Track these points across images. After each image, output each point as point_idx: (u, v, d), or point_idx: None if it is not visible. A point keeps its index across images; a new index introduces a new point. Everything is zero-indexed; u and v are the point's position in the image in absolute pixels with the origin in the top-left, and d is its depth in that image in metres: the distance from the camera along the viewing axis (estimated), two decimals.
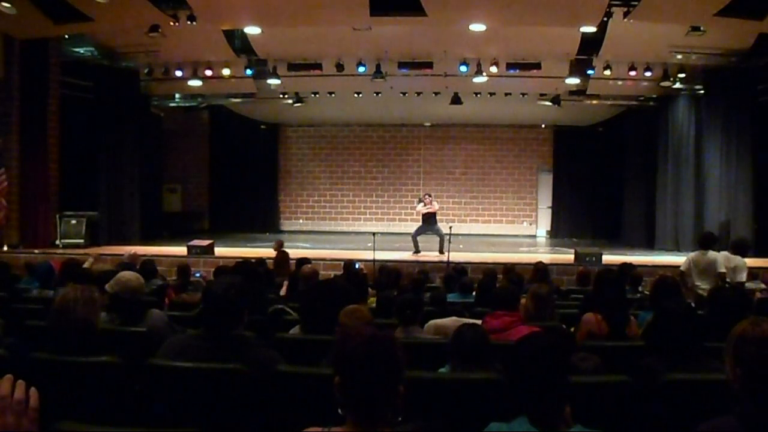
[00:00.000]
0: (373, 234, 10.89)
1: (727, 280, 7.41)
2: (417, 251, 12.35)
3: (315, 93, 15.02)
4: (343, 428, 1.82)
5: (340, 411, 1.82)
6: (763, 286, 7.70)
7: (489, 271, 7.76)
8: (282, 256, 9.36)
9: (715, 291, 4.27)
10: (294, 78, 13.66)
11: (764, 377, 1.75)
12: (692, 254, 7.96)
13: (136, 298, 3.99)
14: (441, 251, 11.89)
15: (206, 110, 17.59)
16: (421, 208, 12.85)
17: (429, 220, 12.72)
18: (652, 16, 10.15)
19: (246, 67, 13.43)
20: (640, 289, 7.08)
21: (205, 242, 11.86)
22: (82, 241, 12.35)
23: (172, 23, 10.84)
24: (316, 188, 19.02)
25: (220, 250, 11.91)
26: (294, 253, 11.25)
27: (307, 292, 4.38)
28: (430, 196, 13.21)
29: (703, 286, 7.42)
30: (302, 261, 8.13)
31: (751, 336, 1.79)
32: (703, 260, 7.58)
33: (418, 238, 12.52)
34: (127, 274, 4.11)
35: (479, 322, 3.88)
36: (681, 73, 12.82)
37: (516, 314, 4.08)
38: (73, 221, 12.53)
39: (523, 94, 14.62)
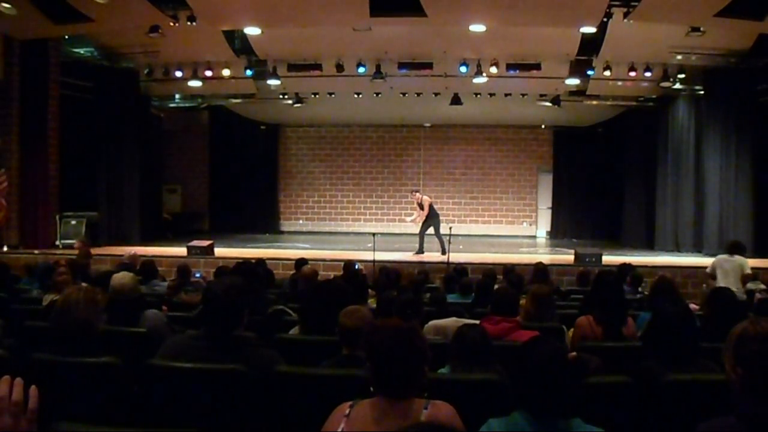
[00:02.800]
0: (373, 234, 10.88)
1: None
2: (420, 251, 12.32)
3: (315, 93, 15.00)
4: (370, 400, 2.11)
5: (372, 388, 2.13)
6: (762, 286, 7.70)
7: (489, 271, 7.76)
8: (82, 255, 8.91)
9: (715, 292, 4.27)
10: (294, 78, 13.65)
11: (766, 374, 1.73)
12: (718, 257, 8.66)
13: (130, 298, 3.98)
14: (443, 252, 11.85)
15: (206, 111, 17.58)
16: (414, 219, 12.98)
17: (429, 212, 12.69)
18: (652, 16, 10.14)
19: (246, 68, 13.42)
20: (640, 289, 7.07)
21: (205, 243, 11.86)
22: None
23: (171, 24, 10.83)
24: (316, 188, 19.01)
25: (220, 251, 11.91)
26: (294, 253, 11.30)
27: (306, 292, 4.38)
28: (418, 191, 13.25)
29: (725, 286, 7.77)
30: (301, 262, 8.14)
31: (751, 334, 1.78)
32: (727, 263, 8.31)
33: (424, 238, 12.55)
34: (119, 275, 4.11)
35: (478, 322, 3.87)
36: (681, 73, 12.82)
37: (514, 320, 4.07)
38: (73, 221, 12.53)
39: (523, 95, 14.61)
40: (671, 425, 2.67)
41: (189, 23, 10.57)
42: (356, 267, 8.36)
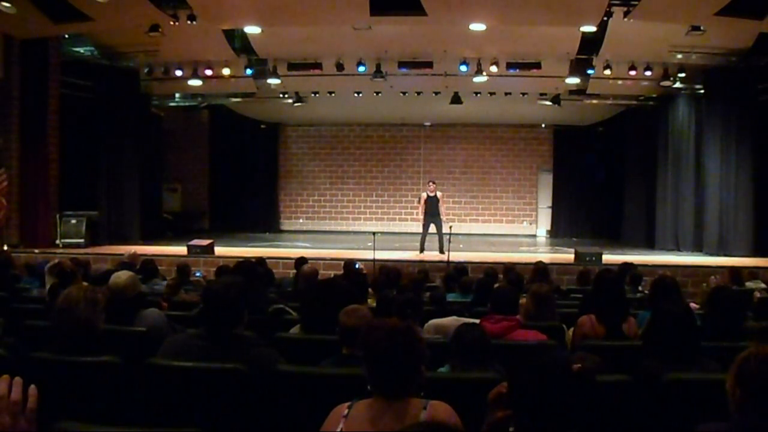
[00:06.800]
0: (373, 234, 10.89)
1: None
2: (421, 251, 12.29)
3: (315, 93, 14.99)
4: (368, 400, 2.11)
5: (369, 388, 2.12)
6: (762, 285, 7.70)
7: (490, 270, 7.75)
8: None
9: (715, 291, 4.26)
10: (294, 77, 13.64)
11: (761, 394, 1.73)
12: None
13: (127, 297, 3.96)
14: (441, 251, 11.88)
15: (206, 110, 17.58)
16: (423, 197, 12.71)
17: (432, 209, 12.49)
18: (652, 15, 10.14)
19: (246, 67, 13.41)
20: (640, 288, 7.07)
21: (205, 242, 11.86)
22: (82, 240, 12.34)
23: (172, 23, 10.83)
24: (316, 188, 19.01)
25: (220, 250, 11.91)
26: (294, 252, 11.30)
27: (307, 291, 4.38)
28: (434, 183, 13.04)
29: None
30: (301, 261, 8.14)
31: (753, 355, 1.80)
32: None
33: (426, 237, 12.49)
34: (116, 274, 4.10)
35: (478, 321, 3.87)
36: (681, 72, 12.80)
37: (514, 318, 4.06)
38: (73, 221, 12.52)
39: (523, 94, 14.59)
40: (671, 425, 2.67)
41: (189, 22, 10.56)
42: (356, 266, 8.36)
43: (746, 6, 9.46)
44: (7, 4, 9.76)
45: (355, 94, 14.80)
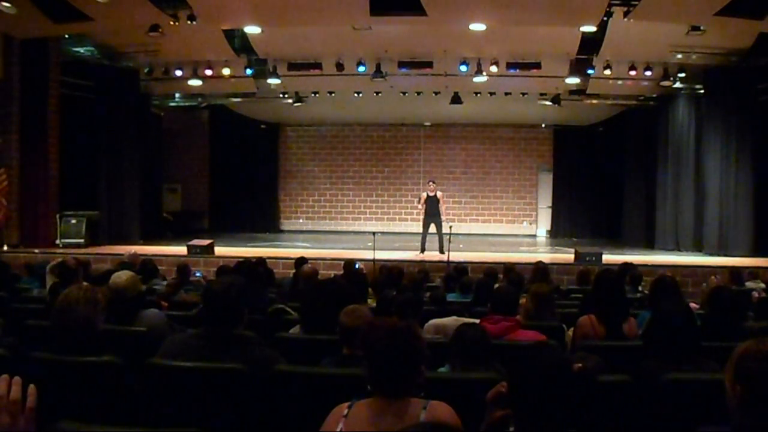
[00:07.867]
0: (373, 234, 10.90)
1: None
2: (422, 251, 12.28)
3: (315, 93, 15.01)
4: (368, 400, 2.11)
5: (369, 387, 2.12)
6: (762, 285, 7.70)
7: (490, 270, 7.75)
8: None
9: (715, 291, 4.26)
10: (294, 77, 13.65)
11: (763, 394, 1.71)
12: None
13: (128, 297, 3.96)
14: (441, 251, 11.88)
15: (206, 110, 17.60)
16: (423, 197, 12.66)
17: (432, 209, 12.44)
18: (652, 15, 10.14)
19: (246, 67, 13.43)
20: (640, 288, 7.07)
21: (205, 242, 11.86)
22: (82, 240, 12.34)
23: (172, 23, 10.84)
24: (316, 188, 19.01)
25: (220, 250, 11.91)
26: (294, 252, 11.30)
27: (307, 291, 4.38)
28: (434, 182, 13.02)
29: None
30: (301, 261, 8.15)
31: (753, 352, 1.77)
32: None
33: (426, 237, 12.47)
34: (116, 274, 4.11)
35: (478, 321, 3.87)
36: (681, 72, 12.81)
37: (513, 319, 4.06)
38: (73, 221, 12.52)
39: (524, 94, 14.61)
40: (671, 425, 2.67)
41: (189, 22, 10.57)
42: (356, 266, 8.36)
43: (746, 6, 9.47)
44: (7, 4, 9.77)
45: (355, 94, 14.81)
